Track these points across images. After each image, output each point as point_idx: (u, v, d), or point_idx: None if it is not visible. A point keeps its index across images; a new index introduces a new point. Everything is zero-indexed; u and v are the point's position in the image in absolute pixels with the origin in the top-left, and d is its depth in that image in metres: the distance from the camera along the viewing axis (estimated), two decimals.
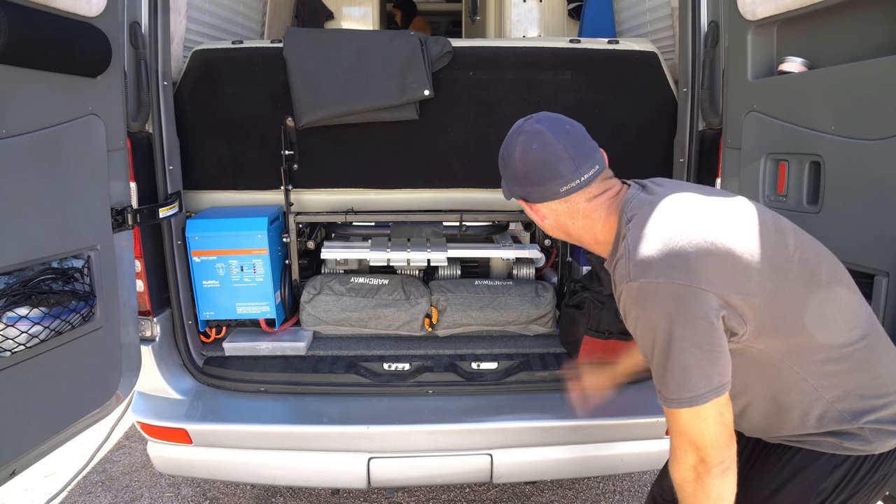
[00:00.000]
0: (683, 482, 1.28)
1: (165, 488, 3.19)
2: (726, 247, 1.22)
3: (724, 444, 1.24)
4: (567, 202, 1.40)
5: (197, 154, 2.53)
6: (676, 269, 1.19)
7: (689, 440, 1.24)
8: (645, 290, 1.22)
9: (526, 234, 3.22)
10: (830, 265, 1.33)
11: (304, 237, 2.91)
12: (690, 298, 1.18)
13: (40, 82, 1.64)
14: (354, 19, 4.85)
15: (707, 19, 2.23)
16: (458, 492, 3.11)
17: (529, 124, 1.42)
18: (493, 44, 2.58)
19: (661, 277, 1.20)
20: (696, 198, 1.33)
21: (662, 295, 1.20)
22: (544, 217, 1.46)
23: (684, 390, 1.21)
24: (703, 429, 1.23)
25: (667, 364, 1.22)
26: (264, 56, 2.51)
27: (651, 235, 1.25)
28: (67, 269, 1.83)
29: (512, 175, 1.45)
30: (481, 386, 2.41)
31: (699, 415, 1.22)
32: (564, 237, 1.51)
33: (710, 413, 1.22)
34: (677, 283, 1.19)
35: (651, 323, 1.22)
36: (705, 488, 1.25)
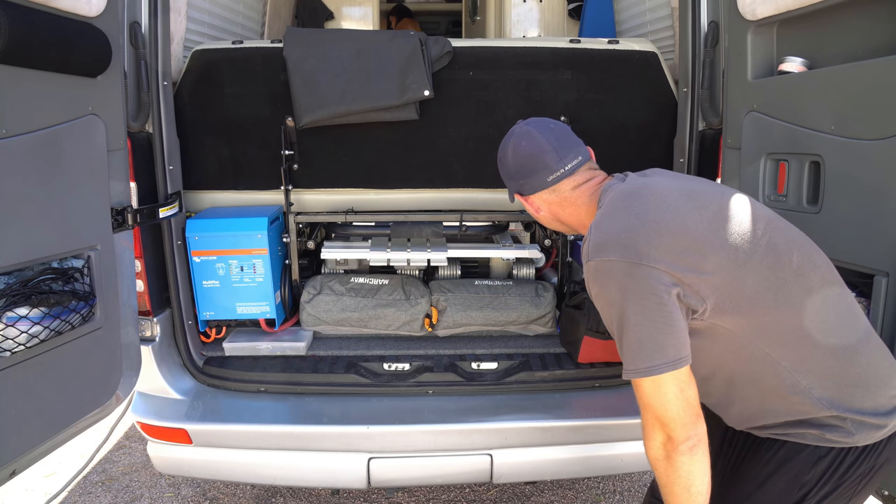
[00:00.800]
0: (656, 461, 1.33)
1: (165, 488, 3.19)
2: (679, 227, 1.30)
3: (689, 420, 1.28)
4: (555, 191, 1.56)
5: (197, 154, 2.53)
6: (627, 247, 1.28)
7: (655, 415, 1.30)
8: (600, 268, 1.32)
9: (526, 234, 3.22)
10: (805, 253, 1.37)
11: (304, 237, 2.91)
12: (640, 275, 1.26)
13: (40, 82, 1.65)
14: (354, 19, 4.86)
15: (707, 19, 2.23)
16: (458, 492, 3.11)
17: (519, 127, 1.62)
18: (493, 44, 2.58)
19: (613, 256, 1.29)
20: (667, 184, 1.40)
21: (615, 272, 1.29)
22: (539, 209, 1.61)
23: (640, 361, 1.28)
24: (664, 403, 1.28)
25: (623, 336, 1.30)
26: (264, 56, 2.51)
27: (610, 218, 1.36)
28: (67, 269, 1.83)
29: (507, 172, 1.64)
30: (481, 386, 2.41)
31: (658, 387, 1.28)
32: (559, 226, 1.65)
33: (670, 387, 1.27)
34: (627, 261, 1.27)
35: (608, 298, 1.32)
36: (675, 466, 1.30)
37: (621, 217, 1.34)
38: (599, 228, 1.35)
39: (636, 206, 1.34)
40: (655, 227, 1.29)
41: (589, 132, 2.58)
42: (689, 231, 1.30)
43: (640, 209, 1.33)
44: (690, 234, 1.29)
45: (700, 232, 1.30)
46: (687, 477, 1.29)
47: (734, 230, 1.32)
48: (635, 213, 1.33)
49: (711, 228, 1.31)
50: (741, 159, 2.07)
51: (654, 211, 1.32)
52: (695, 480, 1.30)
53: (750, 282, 1.29)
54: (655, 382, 1.27)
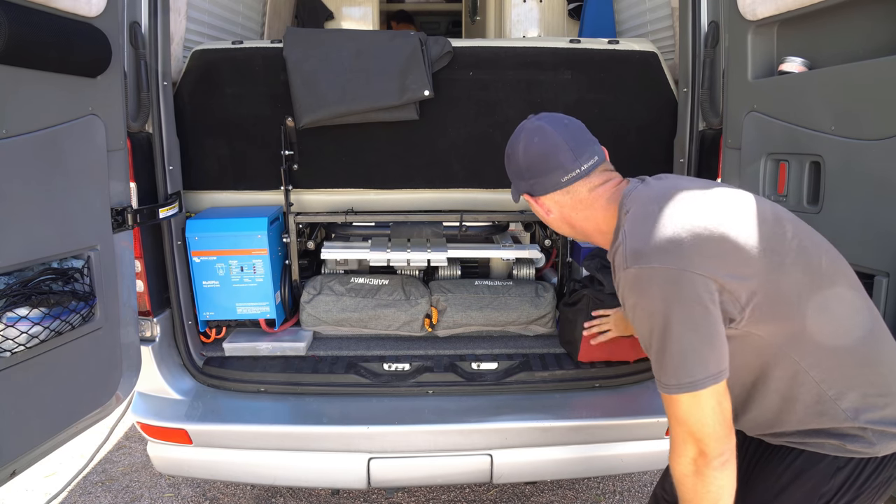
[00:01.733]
0: (683, 477, 1.28)
1: (165, 488, 3.19)
2: (720, 231, 1.24)
3: (724, 435, 1.24)
4: (569, 193, 1.45)
5: (197, 154, 2.53)
6: (670, 253, 1.21)
7: (689, 430, 1.25)
8: (641, 276, 1.24)
9: (526, 235, 3.22)
10: (831, 258, 1.34)
11: (304, 237, 2.91)
12: (685, 283, 1.20)
13: (40, 82, 1.64)
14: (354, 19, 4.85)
15: (707, 19, 2.23)
16: (458, 492, 3.11)
17: (530, 122, 1.50)
18: (493, 44, 2.58)
19: (656, 263, 1.21)
20: (693, 188, 1.35)
21: (657, 280, 1.22)
22: (549, 211, 1.51)
23: (682, 375, 1.22)
24: (701, 418, 1.23)
25: (664, 349, 1.23)
26: (264, 56, 2.51)
27: (646, 223, 1.27)
28: (67, 269, 1.83)
29: (516, 171, 1.52)
30: (481, 386, 2.41)
31: (698, 402, 1.22)
32: (570, 231, 1.54)
33: (709, 401, 1.22)
34: (671, 269, 1.20)
35: (648, 309, 1.24)
36: (705, 482, 1.25)
37: (659, 222, 1.26)
38: (636, 234, 1.27)
39: (673, 210, 1.27)
40: (698, 232, 1.23)
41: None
42: (730, 235, 1.24)
43: (677, 213, 1.27)
44: (730, 238, 1.24)
45: (738, 235, 1.24)
46: (717, 492, 1.26)
47: (767, 231, 1.27)
48: (674, 217, 1.26)
49: (747, 232, 1.26)
50: (741, 159, 2.07)
51: (692, 215, 1.26)
52: (723, 495, 1.26)
53: (784, 287, 1.25)
54: (695, 397, 1.22)
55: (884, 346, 1.34)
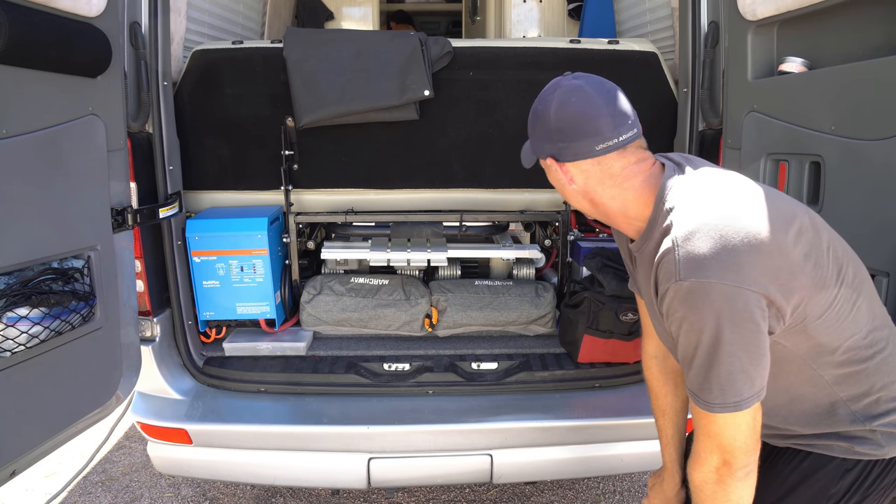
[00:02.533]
0: (704, 484, 1.27)
1: (165, 488, 3.19)
2: (776, 243, 1.17)
3: (752, 448, 1.23)
4: (600, 163, 1.31)
5: (197, 154, 2.53)
6: (728, 268, 1.13)
7: (718, 444, 1.23)
8: (695, 290, 1.15)
9: (526, 235, 3.22)
10: (855, 264, 1.31)
11: (304, 237, 2.91)
12: (741, 300, 1.14)
13: (40, 82, 1.64)
14: (354, 19, 4.85)
15: (707, 19, 2.23)
16: (458, 492, 3.11)
17: (567, 80, 1.36)
18: (493, 44, 2.58)
19: (713, 277, 1.13)
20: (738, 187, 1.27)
21: (713, 296, 1.14)
22: (572, 180, 1.36)
23: (729, 395, 1.18)
24: (735, 433, 1.21)
25: (711, 367, 1.18)
26: (264, 56, 2.51)
27: (701, 231, 1.17)
28: (67, 269, 1.83)
29: (544, 131, 1.36)
30: (481, 386, 2.41)
31: (735, 419, 1.20)
32: (588, 207, 1.41)
33: (746, 418, 1.20)
34: (729, 285, 1.13)
35: (698, 324, 1.16)
36: (726, 491, 1.24)
37: (714, 229, 1.16)
38: (690, 242, 1.17)
39: (726, 217, 1.18)
40: (755, 245, 1.15)
41: None
42: (782, 247, 1.17)
43: (732, 220, 1.17)
44: (783, 251, 1.17)
45: (790, 248, 1.18)
46: (736, 502, 1.25)
47: (811, 243, 1.22)
48: (729, 225, 1.17)
49: (797, 243, 1.20)
50: (741, 159, 2.07)
51: (747, 223, 1.17)
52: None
53: (822, 301, 1.21)
54: (734, 416, 1.19)
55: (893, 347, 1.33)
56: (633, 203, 1.33)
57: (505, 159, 2.64)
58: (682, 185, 1.27)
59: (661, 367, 1.67)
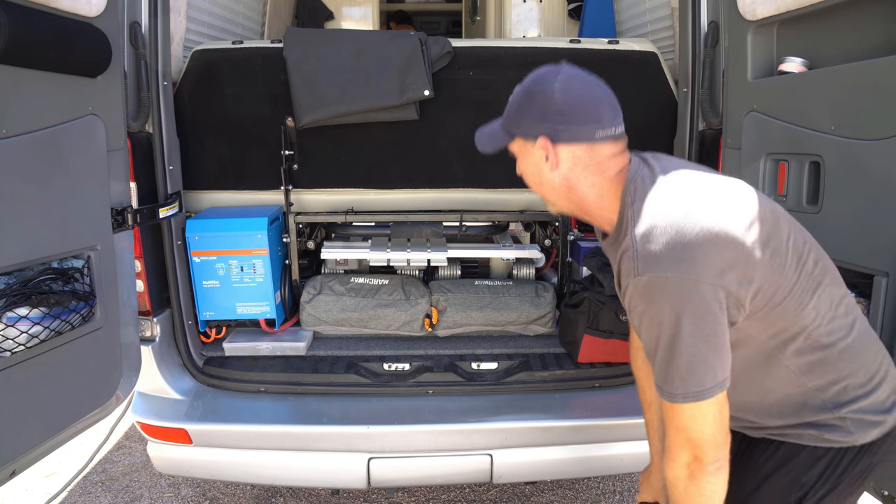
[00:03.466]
0: (676, 480, 1.28)
1: (165, 488, 3.19)
2: (731, 235, 1.20)
3: (721, 442, 1.24)
4: (592, 150, 1.32)
5: (197, 154, 2.53)
6: (683, 262, 1.17)
7: (687, 437, 1.24)
8: (651, 285, 1.20)
9: (526, 235, 3.22)
10: (817, 253, 1.34)
11: (304, 237, 2.91)
12: (697, 293, 1.17)
13: (40, 82, 1.64)
14: (354, 19, 4.86)
15: (707, 19, 2.23)
16: (458, 492, 3.11)
17: (566, 66, 1.40)
18: (493, 44, 2.58)
19: (669, 272, 1.17)
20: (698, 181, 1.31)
21: (670, 290, 1.18)
22: (558, 164, 1.34)
23: (689, 385, 1.20)
24: (702, 426, 1.22)
25: (672, 359, 1.21)
26: (264, 56, 2.51)
27: (658, 226, 1.21)
28: (67, 269, 1.83)
29: (542, 111, 1.35)
30: (481, 386, 2.41)
31: (701, 410, 1.22)
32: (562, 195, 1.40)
33: (711, 409, 1.22)
34: (684, 278, 1.17)
35: (657, 318, 1.20)
36: (698, 486, 1.25)
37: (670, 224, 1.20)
38: (647, 238, 1.21)
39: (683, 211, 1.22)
40: (711, 238, 1.18)
41: None
42: (739, 238, 1.21)
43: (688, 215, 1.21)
44: (740, 243, 1.20)
45: (746, 239, 1.21)
46: (708, 497, 1.26)
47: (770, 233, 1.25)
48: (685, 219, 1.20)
49: (754, 233, 1.23)
50: (741, 159, 2.07)
51: (703, 216, 1.20)
52: (714, 500, 1.26)
53: (782, 288, 1.25)
54: (699, 406, 1.21)
55: (863, 337, 1.35)
56: (608, 194, 1.35)
57: (505, 159, 2.62)
58: (644, 180, 1.31)
59: (645, 360, 1.68)
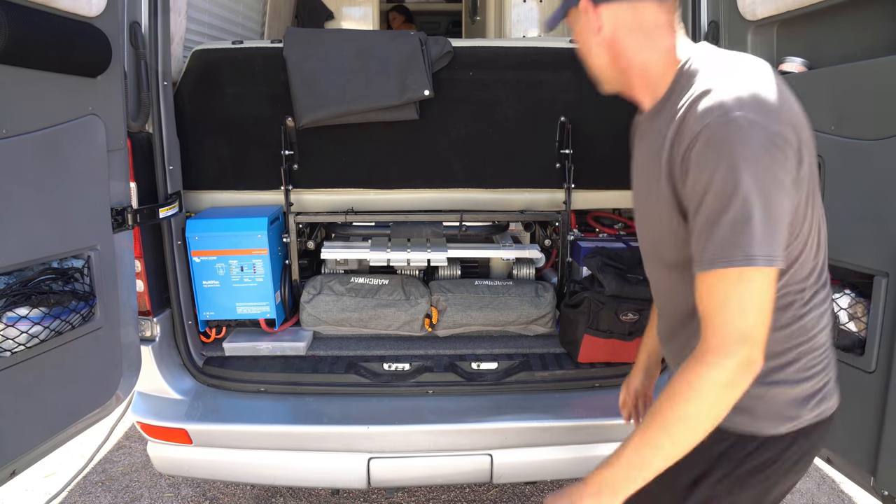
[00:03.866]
0: (709, 386, 1.08)
1: (165, 488, 3.19)
2: (800, 109, 1.16)
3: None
4: (636, 10, 1.25)
5: (197, 154, 2.54)
6: (765, 109, 1.07)
7: (745, 328, 1.06)
8: (730, 129, 1.07)
9: (526, 235, 3.22)
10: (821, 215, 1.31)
11: (304, 237, 2.91)
12: (781, 139, 1.08)
13: (40, 82, 1.64)
14: (354, 19, 4.86)
15: (707, 19, 2.23)
16: (458, 492, 3.11)
17: None
18: (493, 44, 2.58)
19: (750, 114, 1.07)
20: (768, 70, 1.19)
21: (749, 136, 1.06)
22: (601, 27, 1.28)
23: (772, 246, 1.05)
24: (763, 313, 1.07)
25: (752, 215, 1.05)
26: (264, 56, 2.51)
27: (732, 82, 1.11)
28: (67, 269, 1.83)
29: None
30: (481, 386, 2.41)
31: (768, 286, 1.06)
32: (608, 62, 1.33)
33: (770, 290, 1.08)
34: (765, 126, 1.06)
35: (731, 166, 1.06)
36: (733, 396, 1.09)
37: (747, 81, 1.11)
38: (723, 88, 1.10)
39: (760, 76, 1.13)
40: (787, 97, 1.13)
41: (589, 132, 2.59)
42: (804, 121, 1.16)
43: (765, 78, 1.13)
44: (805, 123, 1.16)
45: (807, 125, 1.18)
46: (724, 410, 1.11)
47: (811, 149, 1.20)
48: (762, 80, 1.12)
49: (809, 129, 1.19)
50: None
51: (779, 83, 1.14)
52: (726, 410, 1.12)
53: (801, 205, 1.17)
54: (769, 276, 1.06)
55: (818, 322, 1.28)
56: (657, 64, 1.27)
57: (505, 159, 2.64)
58: (712, 54, 1.21)
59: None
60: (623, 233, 3.01)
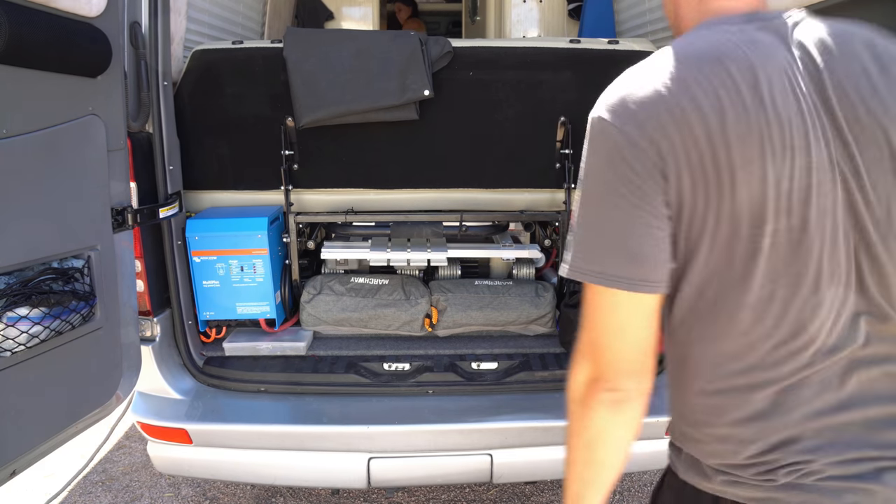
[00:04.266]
0: (570, 402, 1.06)
1: (165, 488, 3.19)
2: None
3: (628, 367, 1.02)
4: None
5: (197, 154, 2.54)
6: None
7: (591, 341, 1.06)
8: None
9: (526, 234, 3.23)
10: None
11: (304, 237, 2.91)
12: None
13: (40, 82, 1.64)
14: (354, 19, 4.86)
15: None
16: (458, 492, 3.11)
17: None
18: (493, 44, 2.58)
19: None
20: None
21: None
22: None
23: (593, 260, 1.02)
24: (596, 321, 1.05)
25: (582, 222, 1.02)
26: (264, 56, 2.51)
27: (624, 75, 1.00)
28: (67, 269, 1.83)
29: None
30: (481, 386, 2.41)
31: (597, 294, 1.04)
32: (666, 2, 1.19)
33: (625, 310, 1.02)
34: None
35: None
36: (586, 415, 1.02)
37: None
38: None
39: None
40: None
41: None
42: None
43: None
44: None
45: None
46: (594, 437, 1.02)
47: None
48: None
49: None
50: None
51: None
52: (601, 441, 1.02)
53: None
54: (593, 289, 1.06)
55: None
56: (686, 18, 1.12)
57: (505, 159, 2.64)
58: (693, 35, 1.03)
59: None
60: None
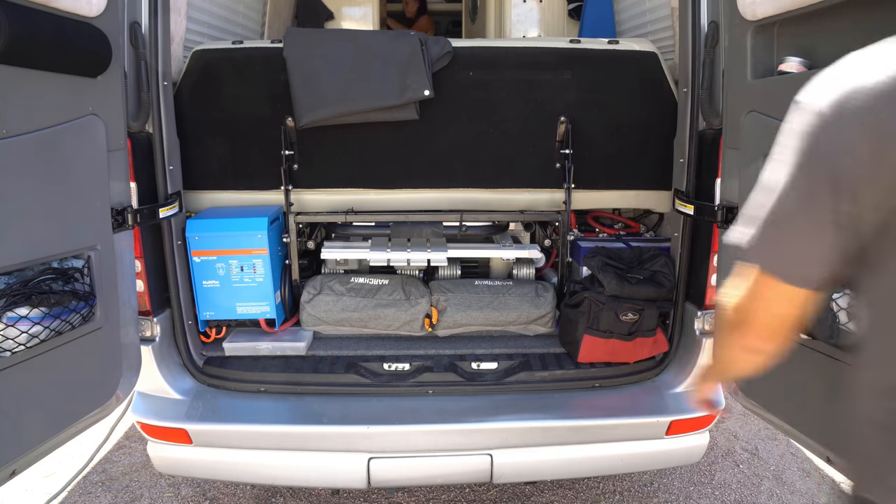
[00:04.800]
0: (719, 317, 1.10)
1: (165, 488, 3.19)
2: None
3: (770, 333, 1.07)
4: None
5: (197, 154, 2.54)
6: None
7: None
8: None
9: (526, 234, 3.23)
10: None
11: (304, 237, 2.91)
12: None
13: (40, 82, 1.64)
14: (354, 19, 4.85)
15: (707, 19, 2.23)
16: (458, 492, 3.11)
17: None
18: (493, 44, 2.58)
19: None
20: None
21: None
22: None
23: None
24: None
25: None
26: (264, 56, 2.51)
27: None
28: (67, 269, 1.83)
29: None
30: (481, 386, 2.41)
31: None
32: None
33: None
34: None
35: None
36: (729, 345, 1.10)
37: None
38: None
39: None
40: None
41: (589, 132, 2.59)
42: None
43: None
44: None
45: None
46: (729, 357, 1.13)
47: None
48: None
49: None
50: (741, 159, 2.07)
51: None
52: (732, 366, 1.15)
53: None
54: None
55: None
56: None
57: (505, 159, 2.64)
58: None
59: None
60: (623, 233, 3.01)
